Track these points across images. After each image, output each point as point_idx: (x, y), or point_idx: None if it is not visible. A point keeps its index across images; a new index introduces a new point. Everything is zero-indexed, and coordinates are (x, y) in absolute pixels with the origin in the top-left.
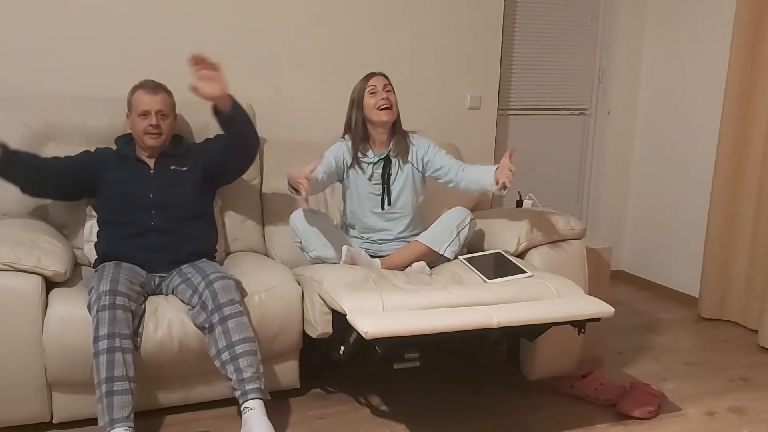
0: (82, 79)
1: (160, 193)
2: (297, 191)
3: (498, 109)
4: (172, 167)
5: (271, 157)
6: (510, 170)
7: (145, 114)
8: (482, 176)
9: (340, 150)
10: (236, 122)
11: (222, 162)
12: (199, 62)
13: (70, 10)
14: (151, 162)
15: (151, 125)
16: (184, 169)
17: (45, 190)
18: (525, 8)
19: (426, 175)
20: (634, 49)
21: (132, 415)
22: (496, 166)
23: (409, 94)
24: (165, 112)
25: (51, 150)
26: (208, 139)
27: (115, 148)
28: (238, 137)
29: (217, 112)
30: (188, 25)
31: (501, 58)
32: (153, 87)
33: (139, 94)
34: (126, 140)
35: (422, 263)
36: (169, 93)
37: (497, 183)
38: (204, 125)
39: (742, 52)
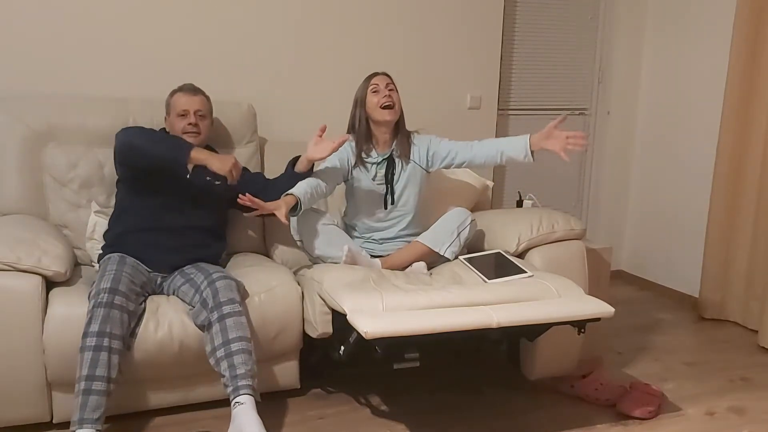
0: (83, 79)
1: (189, 198)
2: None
3: (498, 109)
4: (207, 177)
5: (271, 157)
6: (567, 137)
7: (184, 113)
8: (509, 147)
9: (345, 151)
10: (293, 180)
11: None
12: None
13: (71, 11)
14: (189, 165)
15: (189, 124)
16: (218, 182)
17: (139, 170)
18: (525, 8)
19: (435, 168)
20: (634, 49)
21: (103, 418)
22: (527, 135)
23: (409, 94)
24: (203, 113)
25: (51, 150)
26: (245, 168)
27: None
28: (282, 192)
29: (294, 164)
30: (189, 25)
31: (501, 58)
32: (192, 89)
33: (178, 95)
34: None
35: (422, 263)
36: (207, 97)
37: (562, 155)
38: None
39: (742, 52)
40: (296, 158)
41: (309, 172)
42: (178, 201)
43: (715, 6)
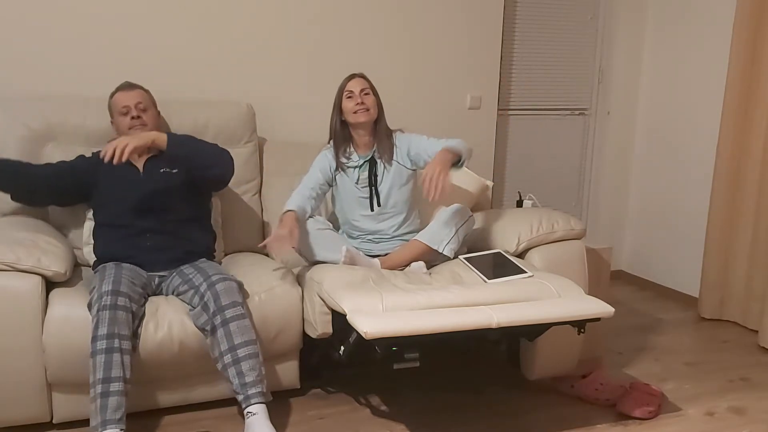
0: (83, 79)
1: (150, 196)
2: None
3: (498, 109)
4: (162, 170)
5: (270, 158)
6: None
7: (126, 110)
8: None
9: (325, 159)
10: (180, 158)
11: (193, 177)
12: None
13: (71, 11)
14: (140, 164)
15: (132, 117)
16: (175, 171)
17: (37, 196)
18: (525, 8)
19: (420, 168)
20: (634, 49)
21: (124, 417)
22: (442, 147)
23: (409, 94)
24: (144, 105)
25: (51, 150)
26: None
27: None
28: (194, 169)
29: (161, 152)
30: (188, 26)
31: (501, 58)
32: (128, 85)
33: (117, 95)
34: None
35: (420, 263)
36: (145, 90)
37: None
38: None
39: (742, 52)
40: None
41: (173, 146)
42: (143, 201)
43: (715, 6)
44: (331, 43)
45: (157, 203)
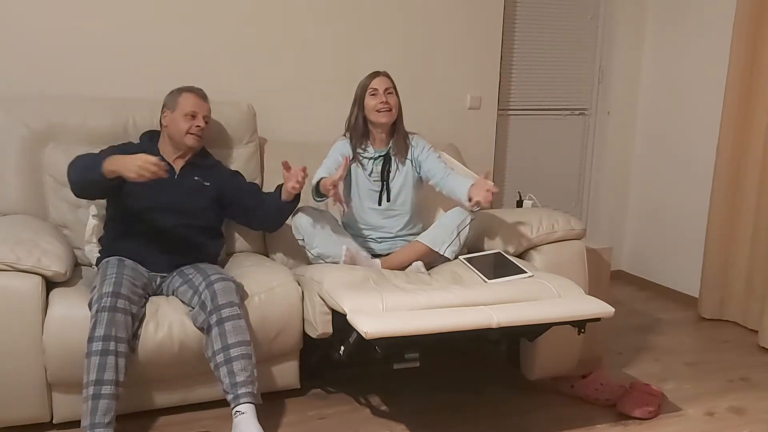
0: (83, 79)
1: (178, 199)
2: (322, 198)
3: (498, 109)
4: (196, 177)
5: (271, 157)
6: (488, 191)
7: (193, 115)
8: (458, 188)
9: (344, 148)
10: (282, 210)
11: (239, 210)
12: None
13: (71, 11)
14: (176, 166)
15: (198, 126)
16: (207, 184)
17: (99, 193)
18: (525, 8)
19: (424, 177)
20: (634, 49)
21: (113, 421)
22: (472, 181)
23: (409, 94)
24: (208, 120)
25: (51, 150)
26: (238, 173)
27: (136, 142)
28: (271, 217)
29: (278, 194)
30: (189, 26)
31: (501, 58)
32: (203, 94)
33: (190, 96)
34: (150, 137)
35: (418, 262)
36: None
37: (470, 200)
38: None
39: (742, 52)
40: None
41: (293, 202)
42: (168, 201)
43: (715, 6)
44: (331, 44)
45: (180, 206)
